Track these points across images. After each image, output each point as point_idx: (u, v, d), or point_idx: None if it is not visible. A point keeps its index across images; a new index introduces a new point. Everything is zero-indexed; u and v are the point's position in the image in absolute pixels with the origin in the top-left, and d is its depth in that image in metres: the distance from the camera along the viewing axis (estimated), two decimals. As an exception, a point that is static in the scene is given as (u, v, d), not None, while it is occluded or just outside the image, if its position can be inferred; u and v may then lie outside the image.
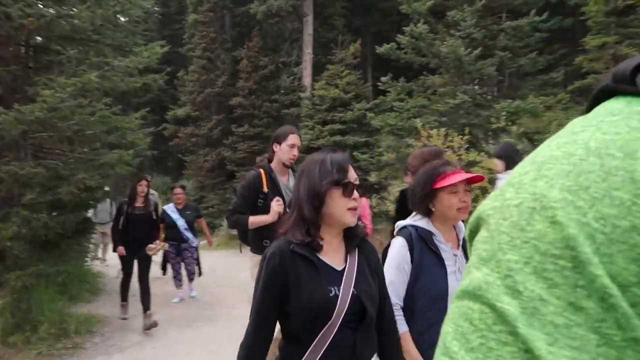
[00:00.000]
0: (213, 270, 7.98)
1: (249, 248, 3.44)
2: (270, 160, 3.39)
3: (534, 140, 7.68)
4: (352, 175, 1.61)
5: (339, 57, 13.51)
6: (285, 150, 3.30)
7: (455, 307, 0.36)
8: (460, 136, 7.23)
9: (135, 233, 5.52)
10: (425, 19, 9.56)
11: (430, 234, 2.14)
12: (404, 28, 9.44)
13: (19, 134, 4.82)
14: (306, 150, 12.33)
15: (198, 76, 18.22)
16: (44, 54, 6.13)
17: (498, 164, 4.30)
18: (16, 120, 4.52)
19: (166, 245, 6.14)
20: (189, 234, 6.66)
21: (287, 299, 1.54)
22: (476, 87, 9.34)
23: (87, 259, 7.89)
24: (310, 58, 16.60)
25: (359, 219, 5.79)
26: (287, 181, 3.41)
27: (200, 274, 7.02)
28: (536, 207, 0.33)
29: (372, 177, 9.54)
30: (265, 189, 3.23)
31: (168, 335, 5.30)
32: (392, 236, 2.40)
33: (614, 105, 0.36)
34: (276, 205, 3.15)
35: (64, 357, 4.75)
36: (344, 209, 1.56)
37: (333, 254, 1.61)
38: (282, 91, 17.15)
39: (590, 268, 0.29)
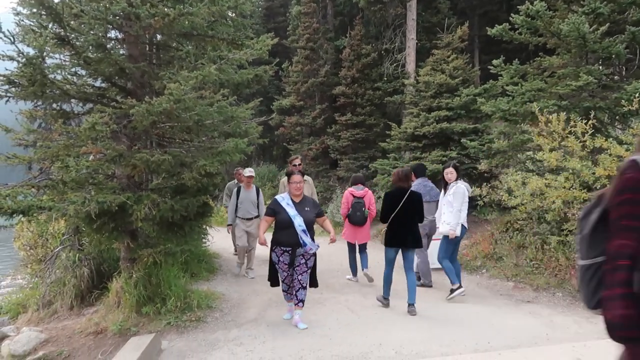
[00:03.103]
0: (319, 256, 8.13)
1: None
2: None
3: (672, 123, 6.82)
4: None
5: (445, 42, 13.05)
6: None
7: None
8: (584, 121, 6.63)
9: None
10: (542, -5, 8.85)
11: None
12: (518, 7, 8.81)
13: (149, 124, 5.26)
14: (411, 137, 12.14)
15: (302, 67, 18.64)
16: (165, 51, 6.61)
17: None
18: (147, 112, 4.93)
19: None
20: (306, 237, 5.07)
21: None
22: (600, 67, 8.49)
23: (204, 240, 8.48)
24: (413, 44, 16.21)
25: (364, 204, 6.88)
26: None
27: (315, 284, 5.61)
28: None
29: (483, 165, 9.09)
30: None
31: (280, 315, 5.55)
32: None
33: None
34: None
35: (189, 328, 5.17)
36: None
37: None
38: (384, 79, 16.97)
39: None
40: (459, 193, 6.09)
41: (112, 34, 6.10)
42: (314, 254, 5.31)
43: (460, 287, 6.15)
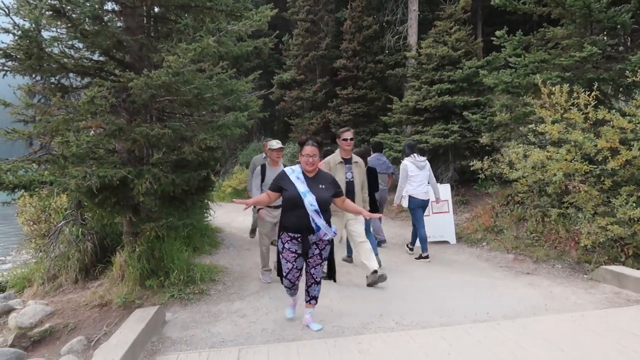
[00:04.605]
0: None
1: None
2: None
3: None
4: None
5: (447, 13, 12.83)
6: None
7: None
8: (587, 93, 6.56)
9: None
10: (547, -36, 8.64)
11: None
12: (522, -24, 8.62)
13: (148, 98, 5.22)
14: (413, 111, 12.05)
15: (302, 40, 18.41)
16: (162, 23, 6.51)
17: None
18: (145, 85, 4.88)
19: None
20: (319, 220, 3.98)
21: None
22: (605, 37, 8.34)
23: (206, 215, 8.52)
24: (415, 15, 15.97)
25: None
26: None
27: (333, 277, 4.61)
28: None
29: (484, 139, 9.03)
30: None
31: (281, 288, 5.56)
32: None
33: None
34: None
35: (192, 301, 5.24)
36: None
37: None
38: (386, 51, 16.77)
39: None
40: (401, 169, 7.19)
41: (109, 5, 5.98)
42: (330, 242, 4.25)
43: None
